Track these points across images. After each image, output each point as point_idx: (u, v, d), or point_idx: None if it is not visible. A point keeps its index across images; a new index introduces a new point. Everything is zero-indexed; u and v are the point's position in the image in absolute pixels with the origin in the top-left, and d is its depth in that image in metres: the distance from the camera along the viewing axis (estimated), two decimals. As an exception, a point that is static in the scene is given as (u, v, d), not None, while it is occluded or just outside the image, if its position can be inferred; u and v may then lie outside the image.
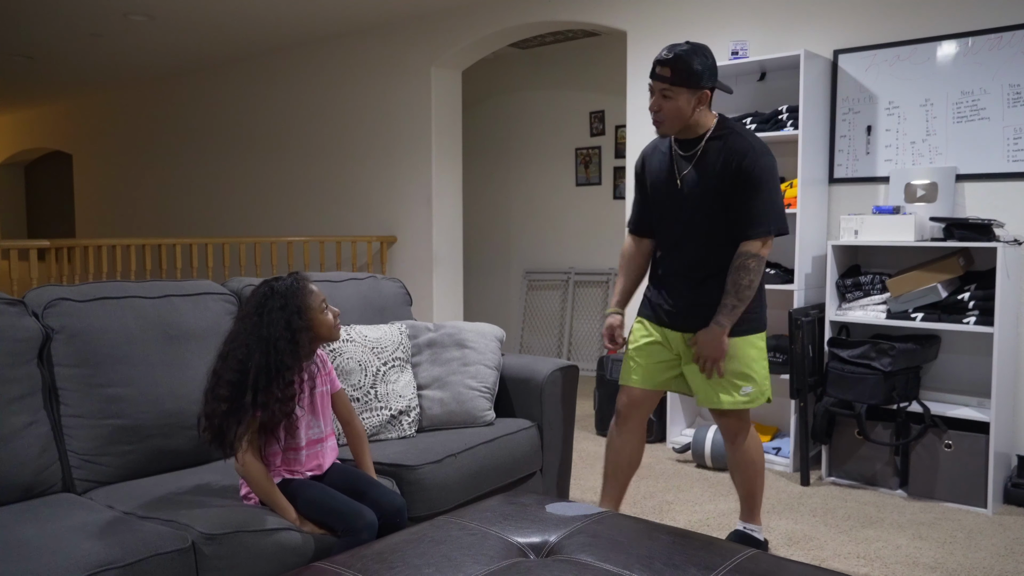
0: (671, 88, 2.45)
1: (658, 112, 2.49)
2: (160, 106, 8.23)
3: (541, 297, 6.88)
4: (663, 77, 2.44)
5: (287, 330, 2.00)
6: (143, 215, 8.62)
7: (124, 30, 6.10)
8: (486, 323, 3.04)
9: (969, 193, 3.61)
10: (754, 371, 2.61)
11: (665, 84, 2.45)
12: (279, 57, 6.86)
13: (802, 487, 3.59)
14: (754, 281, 2.48)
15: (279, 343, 1.99)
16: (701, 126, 2.53)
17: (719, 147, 2.51)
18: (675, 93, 2.45)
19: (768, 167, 2.47)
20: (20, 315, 2.18)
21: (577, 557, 1.59)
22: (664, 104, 2.47)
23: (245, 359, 1.97)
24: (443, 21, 5.61)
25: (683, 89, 2.44)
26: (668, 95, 2.45)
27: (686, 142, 2.58)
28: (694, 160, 2.55)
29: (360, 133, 6.25)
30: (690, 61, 2.43)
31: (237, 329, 2.04)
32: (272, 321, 2.00)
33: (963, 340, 3.59)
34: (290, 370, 2.01)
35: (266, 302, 2.02)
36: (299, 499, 2.03)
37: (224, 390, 1.97)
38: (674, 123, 2.50)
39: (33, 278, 4.26)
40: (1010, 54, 3.48)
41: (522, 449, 2.78)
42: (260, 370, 1.96)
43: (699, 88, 2.46)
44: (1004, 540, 3.00)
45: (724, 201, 2.51)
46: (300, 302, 2.05)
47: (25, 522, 1.86)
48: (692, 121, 2.51)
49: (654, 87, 2.48)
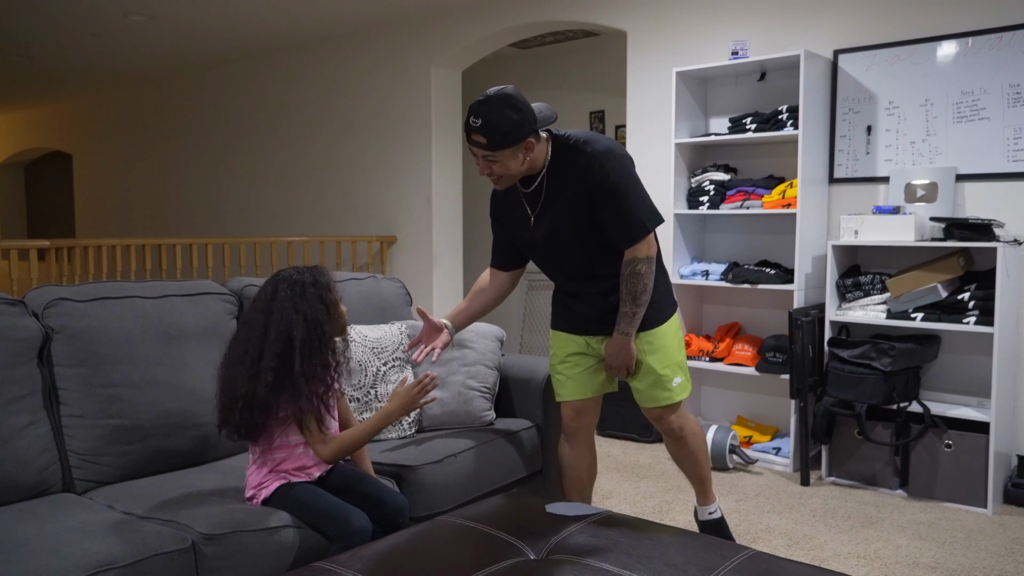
0: (492, 153, 2.30)
1: (490, 175, 2.38)
2: (160, 106, 8.23)
3: (541, 297, 6.88)
4: (480, 144, 2.29)
5: (322, 303, 2.08)
6: (143, 215, 8.62)
7: (124, 30, 6.10)
8: (486, 323, 3.04)
9: (969, 193, 3.61)
10: (678, 361, 2.59)
11: (484, 151, 2.30)
12: (279, 57, 6.86)
13: (802, 487, 3.59)
14: (648, 285, 2.43)
15: (319, 315, 2.06)
16: (537, 163, 2.41)
17: (565, 170, 2.41)
18: (498, 156, 2.31)
19: (620, 166, 2.38)
20: (20, 315, 2.18)
21: (577, 557, 1.59)
22: (493, 167, 2.34)
23: (288, 331, 2.02)
24: (443, 21, 5.61)
25: (504, 150, 2.30)
26: (492, 159, 2.32)
27: (526, 179, 2.47)
28: (541, 194, 2.46)
29: (360, 133, 6.25)
30: (501, 122, 2.26)
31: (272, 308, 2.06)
32: (308, 296, 2.07)
33: (963, 340, 3.59)
34: (332, 340, 2.09)
35: (296, 283, 2.08)
36: (289, 501, 2.03)
37: (271, 361, 2.00)
38: (511, 178, 2.40)
39: (33, 278, 4.26)
40: (1010, 54, 3.48)
41: (522, 449, 2.79)
42: (305, 341, 2.02)
43: (520, 141, 2.31)
44: (1004, 540, 3.00)
45: (589, 217, 2.42)
46: (328, 281, 2.13)
47: (25, 522, 1.86)
48: (528, 167, 2.40)
49: (475, 152, 2.33)
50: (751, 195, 3.98)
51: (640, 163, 4.67)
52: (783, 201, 3.83)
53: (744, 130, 4.01)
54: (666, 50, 4.56)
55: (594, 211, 2.40)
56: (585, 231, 2.44)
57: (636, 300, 2.44)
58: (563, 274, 2.57)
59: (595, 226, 2.43)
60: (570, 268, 2.54)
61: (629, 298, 2.44)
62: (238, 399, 2.01)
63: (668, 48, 4.56)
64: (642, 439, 4.35)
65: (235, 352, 2.07)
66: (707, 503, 2.82)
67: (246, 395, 2.01)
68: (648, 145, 4.66)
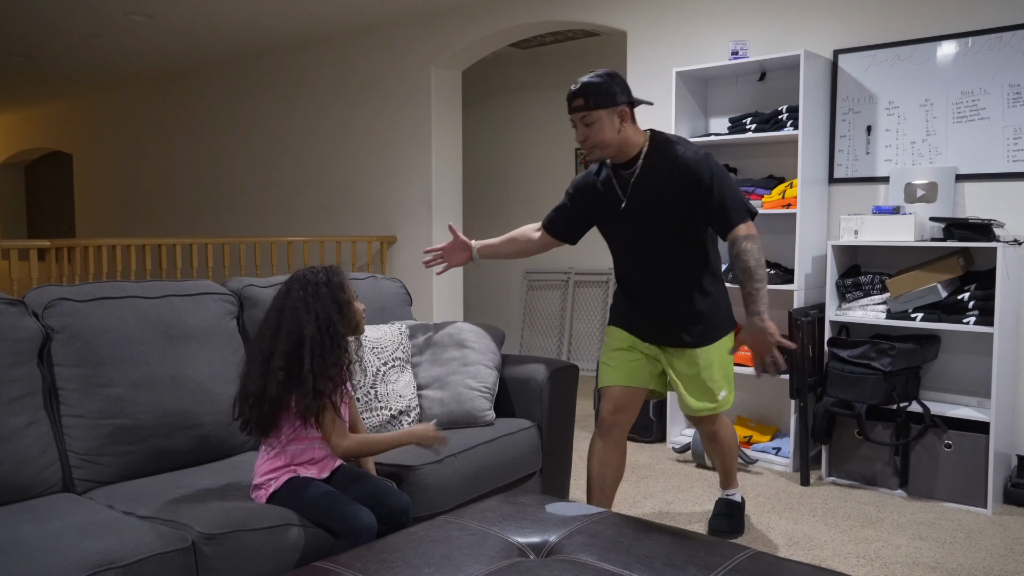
0: (589, 113, 2.49)
1: (585, 140, 2.53)
2: (160, 106, 8.23)
3: (541, 297, 6.88)
4: (579, 107, 2.50)
5: (335, 302, 2.11)
6: (143, 215, 8.62)
7: (124, 30, 6.10)
8: (486, 323, 3.03)
9: (969, 193, 3.61)
10: (727, 375, 2.71)
11: (583, 112, 2.50)
12: (279, 57, 6.86)
13: (802, 487, 3.59)
14: (759, 259, 2.49)
15: (331, 315, 2.09)
16: (633, 145, 2.56)
17: (660, 163, 2.54)
18: (595, 117, 2.49)
19: (717, 164, 2.53)
20: (20, 315, 2.18)
21: (577, 557, 1.59)
22: (589, 132, 2.51)
23: (299, 330, 2.06)
24: (443, 21, 5.61)
25: (601, 111, 2.49)
26: (589, 121, 2.50)
27: (622, 165, 2.61)
28: (635, 180, 2.58)
29: (360, 133, 6.25)
30: (598, 84, 2.49)
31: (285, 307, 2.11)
32: (321, 296, 2.10)
33: (963, 340, 3.59)
34: (344, 338, 2.11)
35: (310, 283, 2.12)
36: (300, 499, 2.04)
37: (281, 360, 2.04)
38: (604, 148, 2.53)
39: (33, 278, 4.26)
40: (1010, 54, 3.48)
41: (522, 449, 2.78)
42: (315, 340, 2.06)
43: (616, 105, 2.50)
44: (1004, 540, 3.00)
45: (676, 211, 2.53)
46: (341, 281, 2.16)
47: (25, 522, 1.86)
48: (622, 140, 2.54)
49: (575, 120, 2.53)
50: (751, 195, 3.98)
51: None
52: (783, 201, 3.83)
53: (744, 130, 4.01)
54: (666, 50, 4.56)
55: (696, 202, 2.52)
56: (673, 224, 2.55)
57: (752, 276, 2.48)
58: (635, 259, 2.65)
59: (680, 221, 2.55)
60: (650, 260, 2.62)
61: (745, 277, 2.49)
62: (250, 395, 2.07)
63: (668, 48, 4.56)
64: (642, 439, 4.35)
65: (252, 350, 2.14)
66: (729, 487, 3.04)
67: (256, 392, 2.06)
68: (648, 145, 4.65)
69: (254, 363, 2.09)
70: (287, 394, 2.06)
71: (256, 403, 2.06)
